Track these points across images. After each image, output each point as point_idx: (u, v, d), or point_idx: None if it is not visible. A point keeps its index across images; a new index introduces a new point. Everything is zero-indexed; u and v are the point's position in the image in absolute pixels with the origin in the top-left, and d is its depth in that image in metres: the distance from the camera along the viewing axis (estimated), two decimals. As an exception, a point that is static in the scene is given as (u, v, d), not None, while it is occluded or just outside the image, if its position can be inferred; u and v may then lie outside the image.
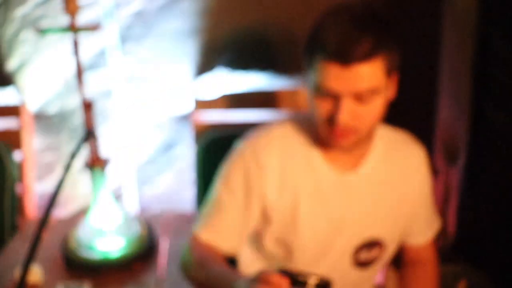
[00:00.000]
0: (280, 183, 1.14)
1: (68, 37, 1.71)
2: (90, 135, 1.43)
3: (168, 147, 2.02)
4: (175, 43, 1.86)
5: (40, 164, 1.99)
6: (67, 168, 1.08)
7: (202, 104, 1.87)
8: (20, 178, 1.86)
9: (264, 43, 1.87)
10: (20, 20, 1.76)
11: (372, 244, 1.19)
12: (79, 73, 1.43)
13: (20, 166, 1.86)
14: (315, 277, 0.86)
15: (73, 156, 1.11)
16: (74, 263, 1.52)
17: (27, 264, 0.92)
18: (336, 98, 0.98)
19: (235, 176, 1.17)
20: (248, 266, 1.28)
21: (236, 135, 1.33)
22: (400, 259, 1.41)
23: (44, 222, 0.95)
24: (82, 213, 2.03)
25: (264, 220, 1.18)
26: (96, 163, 1.50)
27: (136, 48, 1.85)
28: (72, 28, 1.38)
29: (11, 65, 1.84)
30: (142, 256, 1.55)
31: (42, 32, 1.51)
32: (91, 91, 1.85)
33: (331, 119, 1.00)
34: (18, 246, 1.67)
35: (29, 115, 1.90)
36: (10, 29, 1.78)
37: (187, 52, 1.88)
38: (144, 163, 2.04)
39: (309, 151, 1.15)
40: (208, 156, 1.67)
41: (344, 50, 0.94)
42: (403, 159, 1.22)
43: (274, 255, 1.21)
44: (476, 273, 1.71)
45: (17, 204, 1.84)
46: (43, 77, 1.86)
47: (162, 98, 1.95)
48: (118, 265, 1.51)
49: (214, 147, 1.68)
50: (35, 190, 1.99)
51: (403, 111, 2.02)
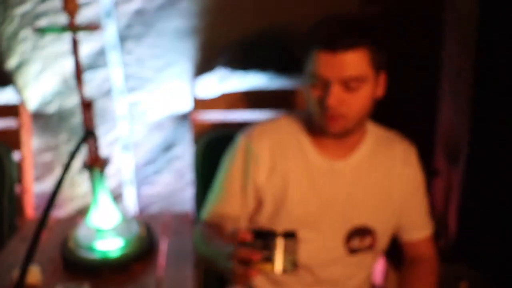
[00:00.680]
0: (270, 167, 1.28)
1: (67, 36, 1.71)
2: (89, 135, 1.42)
3: (167, 147, 2.02)
4: (175, 42, 1.85)
5: (39, 164, 1.98)
6: (66, 168, 1.06)
7: (201, 104, 1.87)
8: (19, 178, 1.86)
9: (264, 42, 1.87)
10: (19, 19, 1.75)
11: (363, 232, 1.28)
12: (78, 72, 1.42)
13: (19, 166, 1.85)
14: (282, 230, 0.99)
15: (72, 156, 1.09)
16: (73, 264, 1.51)
17: (25, 265, 0.91)
18: (326, 85, 1.13)
19: (233, 166, 1.31)
20: None
21: (236, 135, 1.34)
22: (400, 259, 1.45)
23: (43, 222, 0.94)
24: (81, 213, 2.03)
25: (258, 204, 1.31)
26: (95, 163, 1.49)
27: (136, 47, 1.84)
28: (71, 27, 1.37)
29: (10, 64, 1.83)
30: (142, 256, 1.54)
31: (41, 31, 1.50)
32: (90, 90, 1.85)
33: (323, 104, 1.14)
34: (17, 247, 1.66)
35: (28, 115, 1.89)
36: (9, 28, 1.77)
37: (187, 52, 1.87)
38: (144, 163, 2.03)
39: (300, 140, 1.29)
40: (208, 156, 1.66)
41: (332, 39, 1.10)
42: (393, 154, 1.32)
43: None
44: (478, 274, 1.70)
45: (15, 204, 1.83)
46: (42, 76, 1.85)
47: (161, 97, 1.94)
48: (118, 265, 1.50)
49: (214, 147, 1.67)
50: (34, 190, 1.98)
51: (405, 112, 2.02)
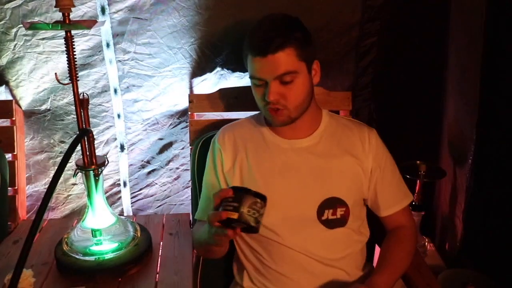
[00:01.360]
0: (233, 155, 1.47)
1: (61, 33, 1.67)
2: (84, 134, 1.39)
3: (164, 146, 2.00)
4: (171, 39, 1.82)
5: (32, 164, 1.95)
6: (61, 168, 1.02)
7: (199, 103, 1.85)
8: (12, 179, 1.83)
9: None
10: (11, 15, 1.71)
11: (334, 202, 1.40)
12: (73, 70, 1.38)
13: (11, 167, 1.82)
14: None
15: (66, 156, 1.05)
16: (67, 267, 1.47)
17: (18, 269, 0.87)
18: (265, 84, 1.32)
19: (209, 162, 1.53)
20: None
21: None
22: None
23: (36, 225, 0.90)
24: (76, 215, 2.00)
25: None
26: (90, 164, 1.45)
27: (131, 44, 1.81)
28: (65, 24, 1.33)
29: (1, 62, 1.79)
30: (138, 259, 1.51)
31: (34, 28, 1.46)
32: (85, 89, 1.83)
33: (266, 101, 1.33)
34: (9, 250, 1.63)
35: (20, 114, 1.86)
36: (1, 25, 1.73)
37: (184, 49, 1.84)
38: (140, 163, 2.00)
39: (261, 130, 1.50)
40: (205, 156, 1.63)
41: (262, 47, 1.29)
42: (351, 134, 1.48)
43: None
44: (484, 278, 1.69)
45: (8, 205, 1.80)
46: (35, 74, 1.82)
47: (158, 96, 1.92)
48: (113, 269, 1.47)
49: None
50: (27, 191, 1.96)
51: (410, 111, 2.01)
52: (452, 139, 1.88)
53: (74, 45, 1.37)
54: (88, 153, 1.45)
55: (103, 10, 1.74)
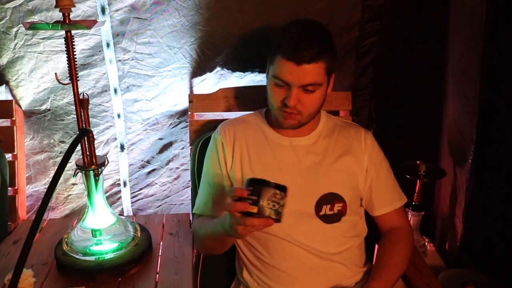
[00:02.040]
0: (235, 149, 1.49)
1: (61, 32, 1.67)
2: (84, 134, 1.38)
3: (165, 146, 1.99)
4: (171, 39, 1.82)
5: (32, 164, 1.95)
6: (61, 168, 1.02)
7: (199, 103, 1.85)
8: (12, 179, 1.82)
9: (263, 41, 1.84)
10: (12, 15, 1.71)
11: (332, 198, 1.43)
12: (73, 70, 1.37)
13: (11, 167, 1.82)
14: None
15: (67, 156, 1.05)
16: (67, 268, 1.47)
17: (18, 269, 0.87)
18: (288, 88, 1.34)
19: (210, 156, 1.54)
20: None
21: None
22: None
23: (36, 225, 0.90)
24: (76, 215, 2.00)
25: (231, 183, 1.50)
26: (90, 164, 1.45)
27: (131, 44, 1.81)
28: (65, 24, 1.33)
29: (1, 62, 1.79)
30: (138, 259, 1.50)
31: (34, 28, 1.46)
32: (85, 88, 1.82)
33: (283, 103, 1.36)
34: (9, 250, 1.63)
35: (20, 114, 1.86)
36: (1, 24, 1.73)
37: (184, 49, 1.84)
38: (140, 163, 1.99)
39: (262, 127, 1.53)
40: (205, 155, 1.63)
41: (299, 55, 1.29)
42: (348, 134, 1.53)
43: None
44: (484, 278, 1.68)
45: (8, 205, 1.80)
46: (35, 74, 1.82)
47: (158, 96, 1.91)
48: (113, 269, 1.46)
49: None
50: (27, 191, 1.95)
51: (411, 112, 2.01)
52: (452, 139, 1.88)
53: (74, 45, 1.37)
54: (88, 153, 1.44)
55: (103, 10, 1.74)
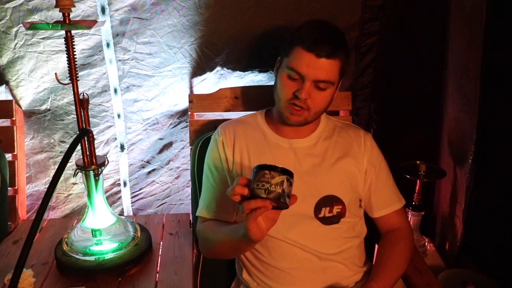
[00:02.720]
0: (235, 149, 1.48)
1: (61, 32, 1.67)
2: (84, 134, 1.38)
3: (165, 146, 1.99)
4: (171, 39, 1.82)
5: (32, 164, 1.94)
6: (61, 168, 1.02)
7: (199, 103, 1.85)
8: (12, 179, 1.82)
9: (263, 41, 1.84)
10: (12, 15, 1.71)
11: (331, 200, 1.43)
12: (73, 70, 1.38)
13: (11, 166, 1.82)
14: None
15: (67, 155, 1.05)
16: (67, 268, 1.47)
17: (18, 269, 0.87)
18: (301, 81, 1.34)
19: (211, 157, 1.52)
20: None
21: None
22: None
23: (36, 225, 0.90)
24: (76, 215, 2.00)
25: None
26: (91, 163, 1.45)
27: (131, 44, 1.80)
28: (65, 24, 1.33)
29: (1, 62, 1.79)
30: (138, 259, 1.51)
31: (34, 28, 1.46)
32: (85, 88, 1.82)
33: (294, 95, 1.35)
34: (9, 250, 1.63)
35: (21, 114, 1.86)
36: (1, 24, 1.73)
37: (184, 49, 1.84)
38: (140, 162, 1.99)
39: (262, 128, 1.52)
40: (205, 155, 1.63)
41: (321, 46, 1.29)
42: (347, 136, 1.53)
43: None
44: (484, 277, 1.68)
45: (8, 205, 1.80)
46: (35, 74, 1.81)
47: (158, 96, 1.91)
48: (113, 269, 1.46)
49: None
50: (27, 191, 1.95)
51: (410, 111, 2.01)
52: (452, 139, 1.88)
53: (74, 45, 1.37)
54: (88, 153, 1.44)
55: (103, 10, 1.74)
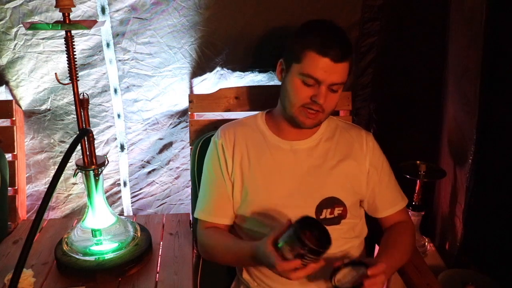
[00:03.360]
0: (235, 152, 1.47)
1: (61, 33, 1.67)
2: (84, 134, 1.38)
3: (165, 146, 1.99)
4: (171, 39, 1.82)
5: (32, 164, 1.94)
6: (61, 168, 1.02)
7: (199, 103, 1.85)
8: (12, 179, 1.82)
9: (263, 41, 1.84)
10: (12, 15, 1.71)
11: (332, 202, 1.42)
12: (73, 70, 1.38)
13: (11, 167, 1.82)
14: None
15: (67, 156, 1.05)
16: (67, 268, 1.47)
17: (18, 269, 0.87)
18: (317, 86, 1.32)
19: (210, 160, 1.51)
20: None
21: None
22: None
23: (36, 225, 0.90)
24: (76, 215, 2.00)
25: (232, 186, 1.48)
26: (91, 164, 1.45)
27: (131, 44, 1.80)
28: (65, 24, 1.33)
29: (1, 62, 1.79)
30: (138, 259, 1.51)
31: (34, 28, 1.46)
32: (85, 88, 1.82)
33: (312, 101, 1.34)
34: (9, 250, 1.63)
35: (21, 114, 1.86)
36: (1, 25, 1.73)
37: (184, 49, 1.84)
38: (140, 163, 1.99)
39: (262, 130, 1.51)
40: (205, 155, 1.63)
41: (337, 52, 1.29)
42: (349, 137, 1.52)
43: (248, 215, 1.46)
44: (484, 277, 1.68)
45: (8, 205, 1.79)
46: (35, 74, 1.81)
47: (158, 96, 1.91)
48: (113, 269, 1.46)
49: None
50: (27, 191, 1.95)
51: (410, 111, 2.01)
52: (452, 139, 1.87)
53: (74, 45, 1.37)
54: (88, 153, 1.44)
55: (103, 10, 1.74)
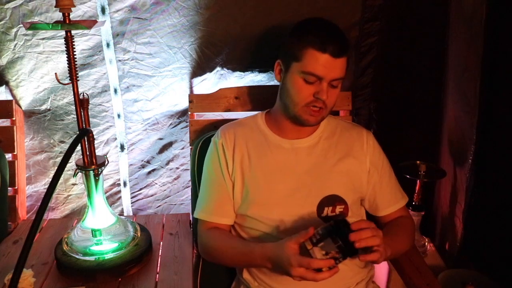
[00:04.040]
0: (235, 152, 1.47)
1: (61, 33, 1.67)
2: (84, 134, 1.38)
3: (164, 146, 1.99)
4: (171, 39, 1.82)
5: (32, 164, 1.94)
6: (61, 168, 1.02)
7: (199, 103, 1.85)
8: (12, 179, 1.82)
9: (263, 41, 1.84)
10: (12, 15, 1.71)
11: (333, 200, 1.42)
12: (73, 70, 1.38)
13: (11, 167, 1.81)
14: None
15: (67, 156, 1.05)
16: (67, 268, 1.47)
17: (18, 269, 0.87)
18: (318, 83, 1.33)
19: (211, 160, 1.51)
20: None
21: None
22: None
23: (36, 225, 0.90)
24: (76, 215, 2.00)
25: (233, 185, 1.48)
26: (91, 164, 1.45)
27: (131, 44, 1.80)
28: (65, 24, 1.33)
29: (1, 62, 1.78)
30: (138, 259, 1.51)
31: (34, 28, 1.46)
32: (85, 88, 1.82)
33: (315, 98, 1.34)
34: (9, 250, 1.63)
35: (21, 114, 1.86)
36: (1, 25, 1.73)
37: (184, 49, 1.84)
38: (140, 163, 1.99)
39: (262, 129, 1.51)
40: (205, 156, 1.63)
41: (332, 47, 1.29)
42: (349, 135, 1.52)
43: (249, 214, 1.45)
44: (484, 277, 1.68)
45: (8, 205, 1.79)
46: (35, 74, 1.81)
47: (158, 96, 1.91)
48: (113, 269, 1.46)
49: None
50: (27, 191, 1.95)
51: (410, 111, 2.01)
52: (452, 139, 1.87)
53: (74, 45, 1.37)
54: (88, 153, 1.44)
55: (103, 10, 1.73)
